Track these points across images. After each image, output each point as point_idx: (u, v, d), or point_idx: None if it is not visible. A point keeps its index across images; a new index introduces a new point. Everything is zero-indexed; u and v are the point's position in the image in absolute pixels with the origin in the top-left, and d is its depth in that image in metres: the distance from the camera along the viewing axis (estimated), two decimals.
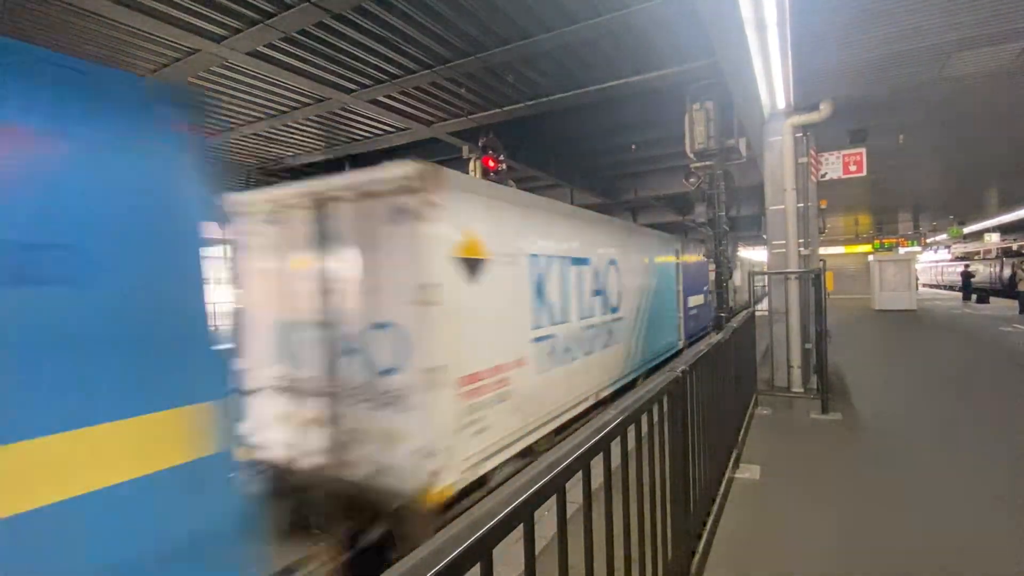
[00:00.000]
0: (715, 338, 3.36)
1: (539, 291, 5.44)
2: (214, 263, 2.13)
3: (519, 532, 1.04)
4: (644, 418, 1.82)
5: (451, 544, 0.82)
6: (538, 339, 5.37)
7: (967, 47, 5.33)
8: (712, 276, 11.18)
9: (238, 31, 6.58)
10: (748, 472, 3.93)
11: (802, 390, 6.37)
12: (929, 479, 3.86)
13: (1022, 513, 3.24)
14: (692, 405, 2.45)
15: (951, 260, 39.60)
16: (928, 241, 29.25)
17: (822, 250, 7.51)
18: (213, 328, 1.96)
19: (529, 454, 5.12)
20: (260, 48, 7.03)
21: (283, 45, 7.01)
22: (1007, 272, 28.86)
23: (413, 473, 3.73)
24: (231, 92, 8.73)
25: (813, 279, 6.27)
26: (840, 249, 27.19)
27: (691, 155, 8.47)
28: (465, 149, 11.02)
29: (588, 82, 8.73)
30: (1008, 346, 9.95)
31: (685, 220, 22.00)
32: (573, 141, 13.59)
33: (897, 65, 5.68)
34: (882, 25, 4.86)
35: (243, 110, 9.56)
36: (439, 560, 0.77)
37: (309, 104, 9.39)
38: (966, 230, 25.14)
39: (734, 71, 6.19)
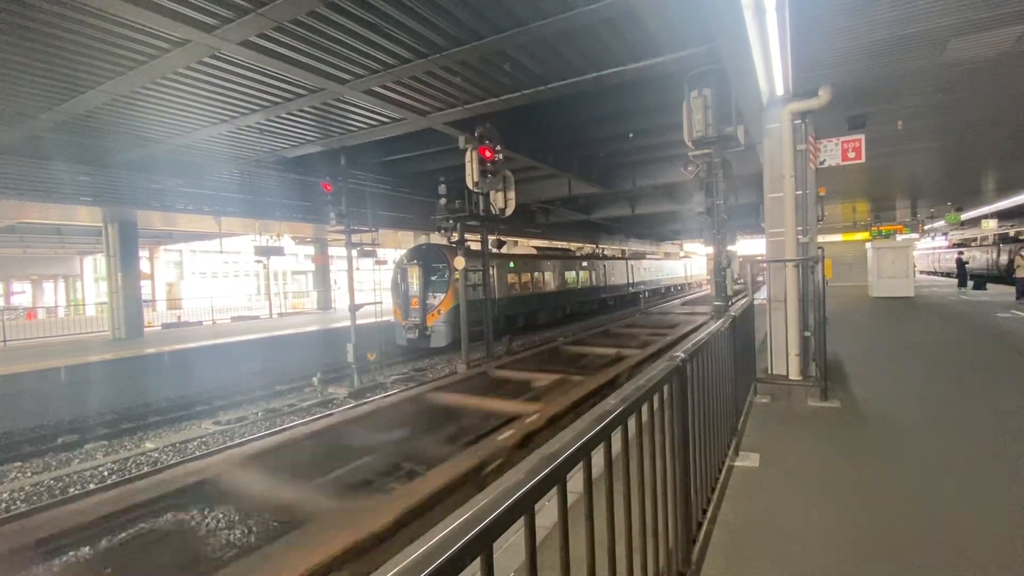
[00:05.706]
0: (714, 326, 3.35)
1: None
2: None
3: (519, 524, 1.03)
4: (645, 407, 1.81)
5: (452, 538, 0.80)
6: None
7: (966, 32, 5.28)
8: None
9: (230, 20, 6.47)
10: (748, 460, 3.94)
11: (800, 378, 6.38)
12: (928, 465, 3.88)
13: (1019, 494, 3.26)
14: (692, 393, 2.44)
15: (948, 247, 39.71)
16: (925, 228, 29.28)
17: (819, 238, 7.49)
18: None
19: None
20: (252, 38, 6.92)
21: (276, 35, 6.91)
22: (1004, 258, 28.96)
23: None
24: (223, 83, 8.63)
25: (812, 266, 6.26)
26: (837, 237, 27.16)
27: (689, 143, 8.41)
28: (461, 140, 10.94)
29: (585, 70, 8.66)
30: (1006, 332, 9.99)
31: (683, 209, 21.96)
32: (570, 130, 13.51)
33: (896, 50, 5.64)
34: (881, 9, 4.81)
35: (236, 102, 9.45)
36: (440, 554, 0.76)
37: (303, 95, 9.29)
38: (964, 216, 25.15)
39: (732, 57, 6.13)
